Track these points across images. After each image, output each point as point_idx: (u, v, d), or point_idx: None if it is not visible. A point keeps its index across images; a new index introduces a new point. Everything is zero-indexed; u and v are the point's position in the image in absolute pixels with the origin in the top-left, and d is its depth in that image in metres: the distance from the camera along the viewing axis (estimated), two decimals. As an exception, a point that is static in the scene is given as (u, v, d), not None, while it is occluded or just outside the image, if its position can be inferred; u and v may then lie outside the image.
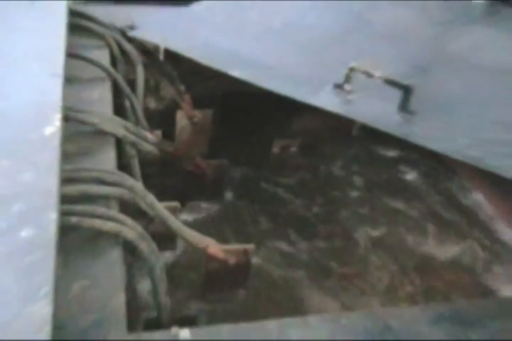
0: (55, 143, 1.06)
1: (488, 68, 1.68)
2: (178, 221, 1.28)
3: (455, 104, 1.52)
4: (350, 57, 1.56)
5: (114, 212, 1.11)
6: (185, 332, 0.93)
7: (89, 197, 1.13)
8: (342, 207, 2.04)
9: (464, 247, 1.94)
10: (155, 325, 1.16)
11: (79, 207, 1.08)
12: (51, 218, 0.91)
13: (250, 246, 1.39)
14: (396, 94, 1.46)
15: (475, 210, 2.09)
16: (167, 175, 1.75)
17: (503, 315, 1.03)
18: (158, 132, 1.78)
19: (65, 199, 1.09)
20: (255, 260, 1.68)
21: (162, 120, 1.83)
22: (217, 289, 1.49)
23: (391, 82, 1.46)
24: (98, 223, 1.06)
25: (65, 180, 1.14)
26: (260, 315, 1.62)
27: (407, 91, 1.45)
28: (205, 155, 1.85)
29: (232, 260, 1.37)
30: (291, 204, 2.01)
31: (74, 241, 1.06)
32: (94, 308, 0.94)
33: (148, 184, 1.38)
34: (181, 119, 1.85)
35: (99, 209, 1.09)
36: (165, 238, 1.36)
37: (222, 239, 1.32)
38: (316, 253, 1.83)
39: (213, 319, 1.55)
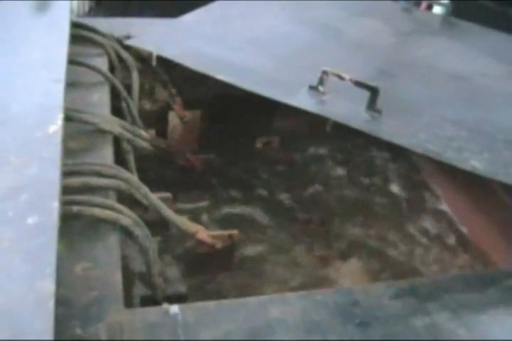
0: (58, 140, 1.07)
1: (445, 73, 1.71)
2: (170, 209, 1.30)
3: (416, 104, 1.55)
4: (324, 62, 1.58)
5: (112, 201, 1.13)
6: (174, 308, 0.95)
7: (90, 189, 1.15)
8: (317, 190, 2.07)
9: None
10: (150, 302, 1.17)
11: (80, 197, 1.10)
12: (54, 206, 0.92)
13: (234, 232, 1.41)
14: (364, 95, 1.48)
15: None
16: (161, 169, 1.77)
17: (457, 288, 1.06)
18: (153, 131, 1.80)
19: (67, 190, 1.10)
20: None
21: (156, 120, 1.85)
22: (205, 271, 1.51)
23: (360, 84, 1.48)
24: (97, 211, 1.07)
25: (68, 173, 1.15)
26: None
27: (374, 92, 1.47)
28: (195, 151, 1.87)
29: (218, 244, 1.39)
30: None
31: (76, 227, 1.07)
32: (95, 286, 0.96)
33: (144, 177, 1.40)
34: (173, 119, 1.87)
35: (98, 199, 1.10)
36: (159, 225, 1.38)
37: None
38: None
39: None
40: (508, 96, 1.63)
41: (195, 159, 1.67)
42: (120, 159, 1.41)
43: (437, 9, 2.35)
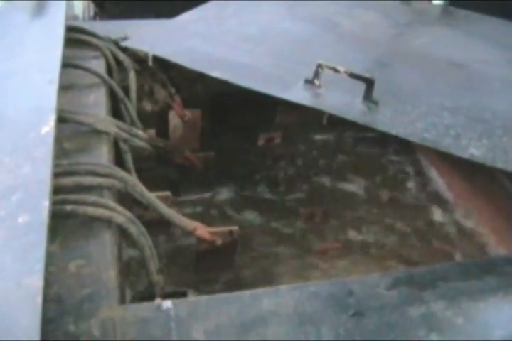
0: (50, 140, 1.08)
1: (443, 61, 1.68)
2: (167, 207, 1.30)
3: (413, 93, 1.53)
4: (321, 56, 1.57)
5: (105, 200, 1.13)
6: (167, 303, 0.95)
7: (84, 188, 1.15)
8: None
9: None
10: (148, 299, 1.17)
11: (73, 197, 1.10)
12: (44, 205, 0.92)
13: (234, 228, 1.40)
14: (361, 87, 1.46)
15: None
16: (161, 169, 1.77)
17: (454, 276, 1.04)
18: (152, 131, 1.80)
19: (61, 190, 1.11)
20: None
21: (157, 120, 1.85)
22: (207, 269, 1.51)
23: (355, 76, 1.47)
24: (90, 210, 1.07)
25: (63, 173, 1.16)
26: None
27: (369, 83, 1.46)
28: (197, 150, 1.87)
29: (219, 241, 1.38)
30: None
31: (71, 226, 1.07)
32: (88, 283, 0.96)
33: (145, 177, 1.40)
34: (173, 119, 1.87)
35: (91, 198, 1.10)
36: (159, 224, 1.38)
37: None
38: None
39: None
40: (506, 83, 1.60)
41: (194, 157, 1.66)
42: (120, 160, 1.42)
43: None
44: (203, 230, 1.35)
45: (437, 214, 1.93)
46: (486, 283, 1.03)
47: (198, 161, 1.67)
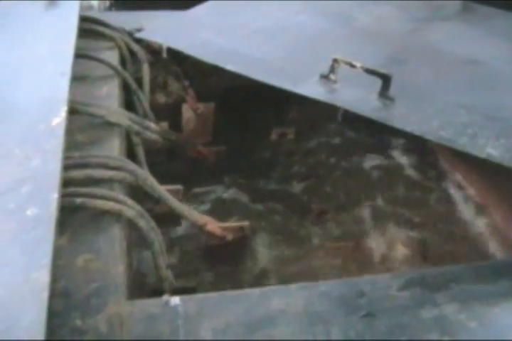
0: (61, 133, 1.06)
1: (458, 58, 1.65)
2: (179, 202, 1.28)
3: (429, 90, 1.50)
4: (335, 51, 1.54)
5: (115, 193, 1.12)
6: (175, 299, 0.93)
7: (95, 181, 1.14)
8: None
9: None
10: (158, 294, 1.16)
11: (83, 190, 1.09)
12: (53, 198, 0.91)
13: (245, 223, 1.39)
14: (376, 83, 1.44)
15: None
16: (173, 162, 1.76)
17: (467, 279, 1.02)
18: (165, 123, 1.79)
19: (72, 182, 1.10)
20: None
21: (170, 113, 1.84)
22: (216, 264, 1.50)
23: (371, 71, 1.44)
24: (100, 203, 1.06)
25: (73, 165, 1.14)
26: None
27: (386, 79, 1.43)
28: (209, 144, 1.86)
29: (229, 236, 1.37)
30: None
31: (80, 220, 1.06)
32: (96, 278, 0.95)
33: (156, 170, 1.39)
34: (187, 112, 1.86)
35: (101, 191, 1.09)
36: (170, 217, 1.37)
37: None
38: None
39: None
40: (523, 81, 1.56)
41: (206, 151, 1.65)
42: (132, 153, 1.41)
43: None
44: (213, 225, 1.34)
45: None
46: (499, 286, 1.01)
47: (210, 155, 1.66)
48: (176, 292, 1.15)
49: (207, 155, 1.65)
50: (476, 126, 1.35)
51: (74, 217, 1.06)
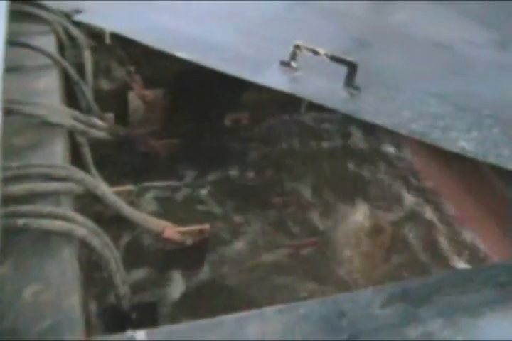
0: None
1: (425, 42, 1.57)
2: (132, 208, 1.17)
3: (397, 77, 1.42)
4: (296, 34, 1.43)
5: (63, 209, 0.99)
6: (140, 334, 0.83)
7: (38, 195, 1.00)
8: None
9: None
10: (115, 312, 1.07)
11: (26, 208, 0.95)
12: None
13: (206, 226, 1.30)
14: (341, 70, 1.34)
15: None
16: (123, 157, 1.62)
17: (450, 289, 0.97)
18: (111, 114, 1.64)
19: (11, 199, 0.96)
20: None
21: (115, 102, 1.69)
22: (176, 268, 1.41)
23: (336, 59, 1.34)
24: (46, 223, 0.93)
25: (12, 178, 1.00)
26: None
27: (352, 67, 1.34)
28: (159, 135, 1.72)
29: (189, 241, 1.28)
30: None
31: (24, 243, 0.93)
32: (48, 314, 0.84)
33: (105, 165, 1.26)
34: (133, 100, 1.71)
35: (47, 208, 0.96)
36: (123, 221, 1.26)
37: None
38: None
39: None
40: (493, 66, 1.51)
41: (158, 145, 1.52)
42: (77, 153, 1.27)
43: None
44: (172, 230, 1.24)
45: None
46: (483, 295, 0.96)
47: (162, 149, 1.54)
48: (134, 308, 1.07)
49: (158, 150, 1.52)
50: (447, 117, 1.29)
51: (17, 240, 0.93)
